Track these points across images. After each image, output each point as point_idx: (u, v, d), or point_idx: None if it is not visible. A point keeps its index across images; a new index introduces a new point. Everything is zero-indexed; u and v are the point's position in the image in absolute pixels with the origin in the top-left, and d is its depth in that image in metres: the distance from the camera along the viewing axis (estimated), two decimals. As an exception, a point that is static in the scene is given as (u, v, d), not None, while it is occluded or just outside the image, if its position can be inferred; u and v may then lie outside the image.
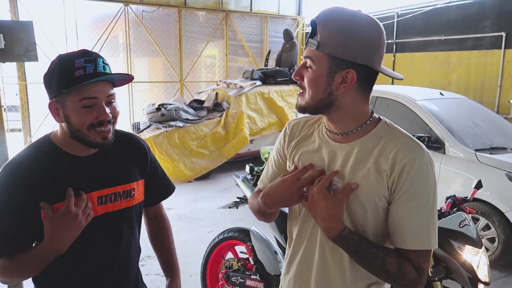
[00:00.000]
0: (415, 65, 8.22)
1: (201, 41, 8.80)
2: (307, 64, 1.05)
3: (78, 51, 1.14)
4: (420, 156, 1.01)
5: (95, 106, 1.12)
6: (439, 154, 3.86)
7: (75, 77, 1.07)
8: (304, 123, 1.23)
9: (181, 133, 6.33)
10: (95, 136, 1.14)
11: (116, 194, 1.24)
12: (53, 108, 1.14)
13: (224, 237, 2.74)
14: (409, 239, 1.00)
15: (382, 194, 1.02)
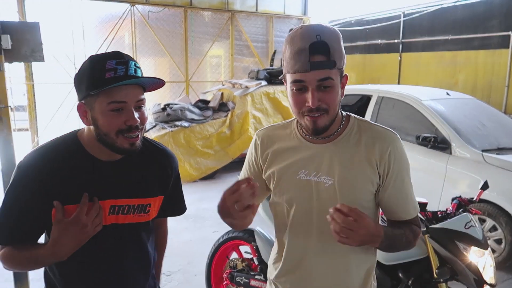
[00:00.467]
0: (421, 65, 8.17)
1: (207, 41, 8.81)
2: (325, 85, 1.06)
3: (111, 52, 1.10)
4: (397, 139, 1.16)
5: (124, 110, 1.07)
6: (446, 155, 3.83)
7: (105, 79, 1.04)
8: (275, 133, 1.27)
9: (186, 133, 6.34)
10: (122, 142, 1.09)
11: (130, 206, 1.18)
12: (82, 110, 1.11)
13: (229, 237, 2.74)
14: (411, 209, 1.19)
15: (374, 181, 1.14)
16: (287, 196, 1.19)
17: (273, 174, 1.23)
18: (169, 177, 1.29)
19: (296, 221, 1.19)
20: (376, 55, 9.05)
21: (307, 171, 1.17)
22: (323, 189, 1.14)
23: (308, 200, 1.16)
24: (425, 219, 2.04)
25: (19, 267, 1.17)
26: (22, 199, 1.10)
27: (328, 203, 1.12)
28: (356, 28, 9.24)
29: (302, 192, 1.17)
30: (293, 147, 1.21)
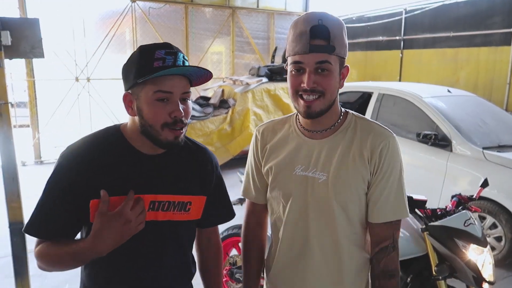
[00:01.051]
0: (423, 62, 8.15)
1: (208, 37, 8.79)
2: (323, 68, 1.08)
3: (161, 43, 1.09)
4: (391, 138, 1.14)
5: (169, 101, 1.06)
6: (446, 152, 3.83)
7: (153, 67, 1.03)
8: (274, 127, 1.28)
9: (187, 129, 6.34)
10: (167, 134, 1.07)
11: (170, 203, 1.14)
12: (127, 100, 1.10)
13: (229, 233, 2.74)
14: (389, 211, 1.14)
15: (366, 178, 1.13)
16: (283, 191, 1.20)
17: (271, 169, 1.24)
18: (209, 175, 1.25)
19: (292, 216, 1.20)
20: (377, 52, 9.03)
21: (303, 167, 1.18)
22: (317, 185, 1.15)
23: (303, 196, 1.17)
24: (424, 216, 2.04)
25: (56, 266, 1.09)
26: (61, 189, 1.07)
27: (321, 199, 1.15)
28: (357, 25, 9.22)
29: (298, 187, 1.18)
30: (291, 142, 1.22)
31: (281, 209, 1.23)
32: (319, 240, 1.17)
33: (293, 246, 1.22)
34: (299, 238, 1.20)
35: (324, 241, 1.17)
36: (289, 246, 1.22)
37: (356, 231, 1.17)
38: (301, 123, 1.22)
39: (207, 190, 1.24)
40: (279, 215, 1.24)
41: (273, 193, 1.24)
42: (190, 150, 1.23)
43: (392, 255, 1.16)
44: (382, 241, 1.16)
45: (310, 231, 1.18)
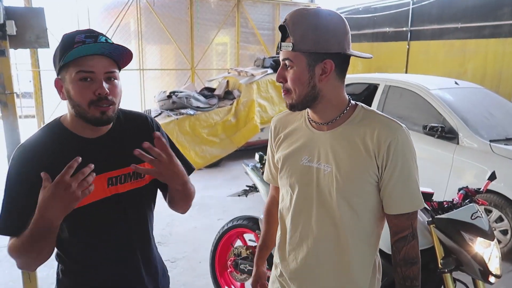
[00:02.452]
0: (430, 53, 8.05)
1: (213, 28, 8.74)
2: (287, 65, 1.14)
3: (84, 29, 1.15)
4: (401, 131, 1.13)
5: (93, 80, 1.11)
6: (453, 145, 3.80)
7: (73, 49, 1.08)
8: (288, 118, 1.33)
9: (191, 120, 6.34)
10: (94, 112, 1.13)
11: (126, 175, 1.24)
12: (58, 85, 1.16)
13: (233, 225, 2.75)
14: (406, 204, 1.15)
15: (372, 171, 1.13)
16: (290, 180, 1.24)
17: (280, 158, 1.28)
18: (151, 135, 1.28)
19: (298, 205, 1.23)
20: (384, 43, 8.93)
21: (310, 158, 1.20)
22: (322, 176, 1.17)
23: (309, 186, 1.20)
24: (431, 209, 2.02)
25: (23, 255, 1.13)
26: (19, 186, 1.13)
27: (326, 190, 1.17)
28: (363, 16, 9.12)
29: (304, 177, 1.21)
30: (300, 133, 1.25)
31: (288, 198, 1.27)
32: (322, 230, 1.19)
33: (298, 235, 1.24)
34: (304, 228, 1.22)
35: (327, 231, 1.19)
36: (294, 235, 1.25)
37: (362, 224, 1.18)
38: (309, 115, 1.24)
39: None
40: (286, 203, 1.28)
41: (281, 182, 1.29)
42: (130, 121, 1.30)
43: (412, 243, 1.18)
44: (401, 231, 1.18)
45: (313, 221, 1.20)
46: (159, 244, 3.82)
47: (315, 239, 1.20)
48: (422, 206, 1.18)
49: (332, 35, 1.10)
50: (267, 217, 1.50)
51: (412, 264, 1.18)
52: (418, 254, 1.20)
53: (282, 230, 1.32)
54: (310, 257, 1.22)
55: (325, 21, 1.10)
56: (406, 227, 1.17)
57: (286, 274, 1.29)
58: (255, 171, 2.95)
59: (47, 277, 2.96)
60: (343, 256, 1.19)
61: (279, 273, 1.34)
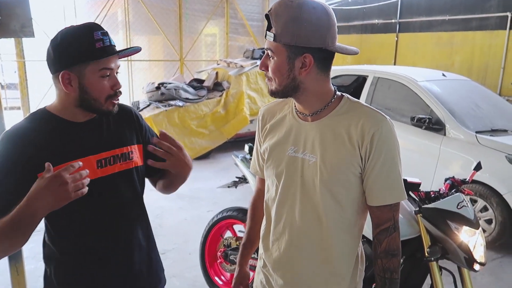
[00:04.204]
0: (418, 45, 8.11)
1: (202, 19, 8.65)
2: (269, 55, 1.14)
3: (89, 23, 1.19)
4: (384, 123, 1.13)
5: (110, 76, 1.20)
6: (440, 136, 3.85)
7: (96, 48, 1.14)
8: (275, 108, 1.33)
9: (181, 112, 6.30)
10: (109, 105, 1.21)
11: (115, 156, 1.27)
12: (66, 78, 1.16)
13: (223, 216, 2.76)
14: (388, 195, 1.15)
15: (356, 162, 1.14)
16: (276, 170, 1.24)
17: (266, 148, 1.28)
18: (136, 125, 1.38)
19: (282, 196, 1.24)
20: (372, 35, 8.96)
21: (296, 148, 1.21)
22: (307, 166, 1.18)
23: (294, 176, 1.21)
24: (418, 199, 2.05)
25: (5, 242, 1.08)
26: (7, 172, 1.13)
27: (310, 181, 1.17)
28: (353, 7, 9.12)
29: (289, 167, 1.21)
30: (286, 124, 1.26)
31: (273, 188, 1.27)
32: (305, 220, 1.20)
33: (282, 225, 1.25)
34: (288, 218, 1.23)
35: (310, 222, 1.19)
36: (278, 225, 1.26)
37: (345, 215, 1.18)
38: (296, 106, 1.25)
39: (140, 138, 1.38)
40: (272, 194, 1.28)
41: (267, 172, 1.29)
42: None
43: (394, 235, 1.19)
44: (383, 223, 1.19)
45: (296, 211, 1.21)
46: (149, 236, 3.82)
47: (298, 229, 1.21)
48: (404, 198, 1.18)
49: (314, 29, 1.08)
50: (252, 212, 1.47)
51: (393, 256, 1.19)
52: (399, 246, 1.21)
53: (267, 221, 1.33)
54: (293, 247, 1.23)
55: (307, 14, 1.07)
56: (388, 219, 1.18)
57: (269, 264, 1.30)
58: (245, 163, 2.95)
59: (35, 270, 2.94)
60: (326, 246, 1.19)
61: (262, 264, 1.35)
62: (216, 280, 2.83)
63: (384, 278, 1.19)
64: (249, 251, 1.48)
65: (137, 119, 1.40)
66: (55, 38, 1.18)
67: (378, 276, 1.21)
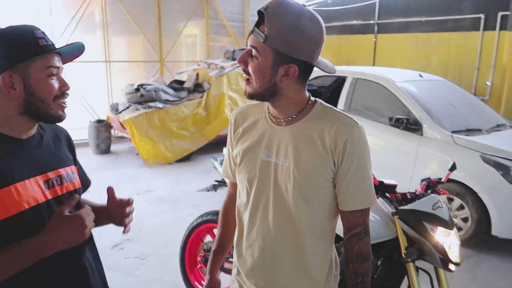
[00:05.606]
0: (396, 46, 8.23)
1: (181, 19, 8.57)
2: (252, 53, 1.10)
3: (28, 24, 1.13)
4: (357, 129, 1.14)
5: (57, 76, 1.13)
6: (417, 136, 3.92)
7: (40, 45, 1.08)
8: (248, 112, 1.31)
9: (161, 114, 6.23)
10: (57, 108, 1.13)
11: (61, 176, 1.19)
12: (7, 81, 1.06)
13: (203, 220, 2.73)
14: (359, 200, 1.16)
15: (329, 167, 1.14)
16: (248, 175, 1.23)
17: (239, 153, 1.27)
18: (70, 146, 1.33)
19: (255, 201, 1.23)
20: (351, 36, 9.06)
21: (269, 153, 1.20)
22: (280, 171, 1.17)
23: (266, 181, 1.20)
24: (395, 200, 2.08)
25: None
26: None
27: (282, 186, 1.17)
28: (332, 8, 9.19)
29: (262, 172, 1.20)
30: (259, 128, 1.24)
31: (245, 193, 1.26)
32: (279, 226, 1.19)
33: (255, 231, 1.24)
34: (261, 224, 1.22)
35: (283, 227, 1.19)
36: (252, 231, 1.25)
37: (318, 219, 1.19)
38: (269, 110, 1.23)
39: (74, 160, 1.32)
40: (243, 199, 1.27)
41: (239, 177, 1.28)
42: (50, 126, 1.27)
43: (365, 240, 1.20)
44: (354, 227, 1.19)
45: (270, 217, 1.20)
46: (128, 241, 3.76)
47: (272, 235, 1.20)
48: (374, 204, 1.20)
49: (306, 42, 1.07)
50: (223, 218, 1.44)
51: (364, 260, 1.20)
52: (370, 250, 1.22)
53: (239, 227, 1.31)
54: (267, 254, 1.22)
55: (304, 25, 1.06)
56: (359, 224, 1.19)
57: (243, 271, 1.29)
58: (224, 166, 2.93)
59: None
60: (300, 251, 1.19)
61: (236, 271, 1.34)
62: (196, 285, 2.81)
63: (356, 282, 1.20)
64: (220, 257, 1.45)
65: (70, 140, 1.34)
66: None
67: (349, 280, 1.22)
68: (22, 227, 1.05)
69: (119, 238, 3.76)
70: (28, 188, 1.08)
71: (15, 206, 1.04)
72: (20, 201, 1.05)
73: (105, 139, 6.84)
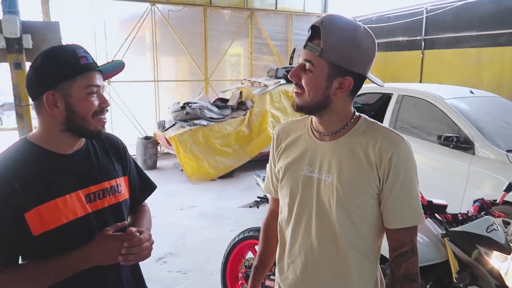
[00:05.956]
0: (444, 62, 7.96)
1: (226, 39, 8.82)
2: (306, 67, 1.11)
3: (70, 44, 1.18)
4: (403, 144, 1.11)
5: (97, 93, 1.16)
6: (468, 155, 3.72)
7: (81, 65, 1.11)
8: (290, 128, 1.31)
9: (205, 131, 6.38)
10: (97, 124, 1.16)
11: (104, 190, 1.23)
12: (51, 99, 1.11)
13: (245, 236, 2.74)
14: (406, 218, 1.12)
15: (373, 183, 1.11)
16: (291, 190, 1.23)
17: (281, 168, 1.27)
18: (123, 157, 1.35)
19: (297, 217, 1.21)
20: (397, 52, 8.87)
21: (311, 168, 1.19)
22: (323, 187, 1.16)
23: (309, 197, 1.19)
24: (445, 221, 1.98)
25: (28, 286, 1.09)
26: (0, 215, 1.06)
27: (326, 201, 1.15)
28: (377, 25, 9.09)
29: (304, 188, 1.19)
30: (302, 143, 1.24)
31: (288, 209, 1.25)
32: (321, 242, 1.17)
33: (297, 247, 1.22)
34: (303, 240, 1.20)
35: (326, 244, 1.17)
36: (294, 247, 1.23)
37: (362, 237, 1.16)
38: (313, 125, 1.23)
39: (126, 170, 1.35)
40: (285, 215, 1.26)
41: (281, 192, 1.27)
42: (101, 140, 1.30)
43: (412, 259, 1.15)
44: (401, 246, 1.15)
45: (312, 233, 1.18)
46: (172, 255, 3.83)
47: (314, 252, 1.18)
48: (422, 222, 1.15)
49: (362, 55, 1.10)
50: (265, 234, 1.44)
51: (412, 281, 1.14)
52: (418, 271, 1.16)
53: (281, 243, 1.30)
54: (309, 270, 1.20)
55: (360, 39, 1.09)
56: (406, 243, 1.14)
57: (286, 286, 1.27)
58: (267, 182, 2.94)
59: None
60: (343, 270, 1.16)
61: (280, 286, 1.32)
62: (237, 302, 2.79)
63: None
64: (261, 274, 1.45)
65: (123, 151, 1.37)
66: (35, 60, 1.13)
67: None
68: (61, 240, 1.11)
69: (163, 252, 3.84)
70: (69, 202, 1.13)
71: (54, 220, 1.10)
72: (59, 215, 1.11)
73: (152, 155, 7.09)
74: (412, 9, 8.40)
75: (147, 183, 1.47)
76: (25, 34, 2.32)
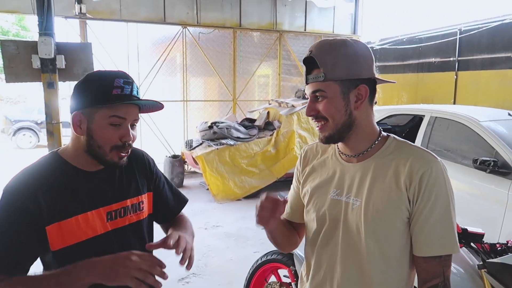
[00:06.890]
0: (480, 84, 7.71)
1: (255, 60, 8.92)
2: (318, 98, 1.10)
3: (118, 71, 1.17)
4: (435, 163, 1.04)
5: (121, 126, 1.14)
6: (508, 181, 3.51)
7: (112, 94, 1.11)
8: (318, 149, 1.27)
9: (231, 151, 6.39)
10: (113, 156, 1.15)
11: (125, 208, 1.23)
12: (77, 119, 1.14)
13: (268, 259, 2.66)
14: (437, 245, 1.02)
15: (404, 205, 1.04)
16: (318, 214, 1.17)
17: (307, 191, 1.23)
18: (149, 172, 1.34)
19: (324, 241, 1.16)
20: (429, 73, 8.68)
21: (338, 191, 1.14)
22: (350, 211, 1.10)
23: (336, 220, 1.13)
24: (482, 251, 1.85)
25: None
26: (16, 222, 1.07)
27: (353, 226, 1.09)
28: (408, 47, 8.96)
29: (332, 211, 1.14)
30: (329, 165, 1.20)
31: (315, 232, 1.19)
32: (346, 271, 1.10)
33: (322, 274, 1.17)
34: (328, 266, 1.15)
35: (351, 273, 1.10)
36: (318, 273, 1.18)
37: (391, 264, 1.07)
38: (339, 148, 1.19)
39: (151, 185, 1.34)
40: (312, 239, 1.21)
41: (308, 216, 1.23)
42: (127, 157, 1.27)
43: None
44: (431, 278, 1.05)
45: (337, 259, 1.12)
46: (194, 275, 3.78)
47: (338, 280, 1.12)
48: (457, 251, 1.04)
49: (363, 60, 1.09)
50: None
51: None
52: None
53: (307, 267, 1.25)
54: None
55: (353, 49, 1.08)
56: (436, 274, 1.04)
57: None
58: (291, 204, 2.87)
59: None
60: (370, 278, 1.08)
61: None
62: (259, 328, 2.70)
63: None
64: None
65: (149, 165, 1.36)
66: (81, 78, 1.17)
67: None
68: (79, 256, 1.08)
69: (186, 272, 3.79)
70: (89, 219, 1.14)
71: (74, 237, 1.11)
72: (79, 232, 1.11)
73: (179, 173, 7.15)
74: (445, 30, 8.24)
75: (179, 196, 1.47)
76: (58, 55, 2.41)
